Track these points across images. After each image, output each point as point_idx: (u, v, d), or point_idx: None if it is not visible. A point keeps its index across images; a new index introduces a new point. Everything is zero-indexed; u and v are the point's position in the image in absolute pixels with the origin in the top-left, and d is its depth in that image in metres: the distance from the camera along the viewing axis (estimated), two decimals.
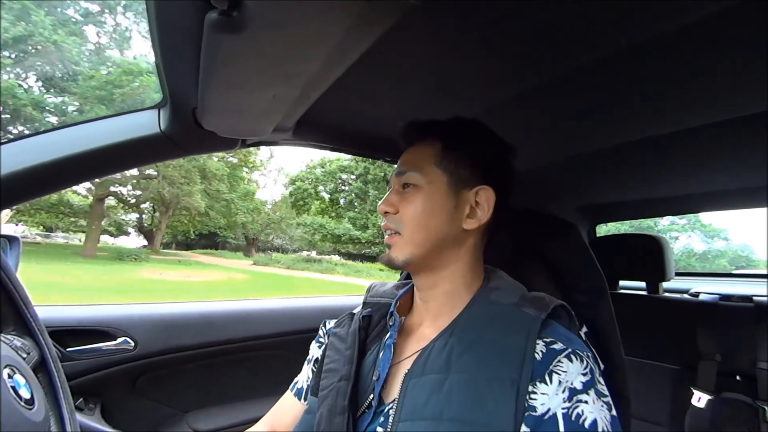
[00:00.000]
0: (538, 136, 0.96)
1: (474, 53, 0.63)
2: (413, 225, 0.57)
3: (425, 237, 0.57)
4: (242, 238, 20.28)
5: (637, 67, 0.64)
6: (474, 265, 0.61)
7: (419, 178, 0.58)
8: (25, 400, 0.49)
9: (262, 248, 20.91)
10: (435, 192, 0.58)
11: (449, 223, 0.57)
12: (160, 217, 15.79)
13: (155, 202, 14.96)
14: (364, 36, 0.48)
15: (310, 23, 0.42)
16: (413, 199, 0.58)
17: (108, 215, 15.22)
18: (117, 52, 12.33)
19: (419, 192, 0.58)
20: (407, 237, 0.57)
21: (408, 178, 0.59)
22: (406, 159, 0.62)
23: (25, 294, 0.59)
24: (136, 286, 9.06)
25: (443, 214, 0.57)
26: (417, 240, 0.57)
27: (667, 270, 1.21)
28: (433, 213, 0.57)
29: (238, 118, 0.69)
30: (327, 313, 1.02)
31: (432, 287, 0.60)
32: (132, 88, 10.42)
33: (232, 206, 15.66)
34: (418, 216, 0.57)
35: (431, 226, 0.57)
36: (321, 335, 0.73)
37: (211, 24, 0.42)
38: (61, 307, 1.06)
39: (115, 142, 0.72)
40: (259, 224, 18.55)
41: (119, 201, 15.09)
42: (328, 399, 0.56)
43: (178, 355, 1.10)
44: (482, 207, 0.58)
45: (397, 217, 0.59)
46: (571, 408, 0.44)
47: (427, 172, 0.58)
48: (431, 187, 0.58)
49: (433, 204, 0.57)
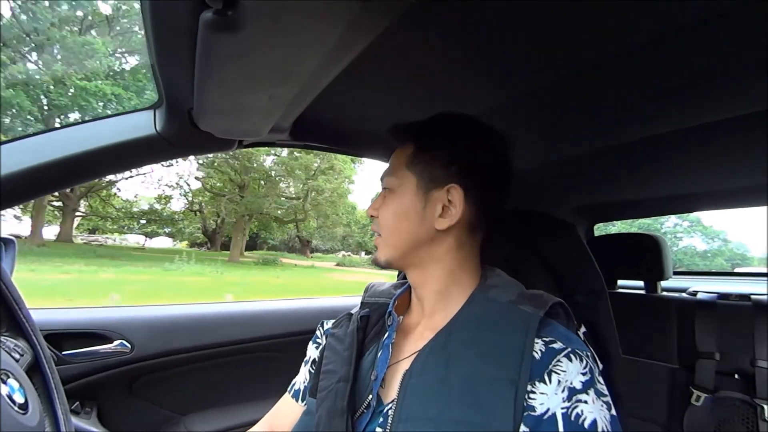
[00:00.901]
0: (536, 136, 0.96)
1: (472, 54, 0.63)
2: (387, 228, 0.60)
3: (397, 239, 0.59)
4: (296, 240, 21.64)
5: (636, 67, 0.64)
6: (463, 263, 0.59)
7: (393, 181, 0.60)
8: (19, 405, 0.49)
9: (313, 249, 22.23)
10: (404, 194, 0.59)
11: (420, 223, 0.57)
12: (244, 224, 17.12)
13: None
14: (361, 36, 0.47)
15: (307, 22, 0.42)
16: (388, 203, 0.60)
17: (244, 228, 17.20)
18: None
19: (392, 195, 0.60)
20: (384, 239, 0.60)
21: (385, 182, 0.62)
22: (389, 163, 0.64)
23: (18, 295, 0.58)
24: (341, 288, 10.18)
25: (412, 216, 0.58)
26: (391, 242, 0.60)
27: (666, 269, 1.21)
28: (402, 215, 0.59)
29: (235, 118, 0.68)
30: (324, 314, 1.02)
31: (422, 285, 0.61)
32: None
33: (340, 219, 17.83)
34: (390, 219, 0.59)
35: (401, 228, 0.59)
36: (318, 336, 0.72)
37: (206, 24, 0.42)
38: (56, 310, 1.05)
39: (111, 143, 0.71)
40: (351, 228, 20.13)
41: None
42: (327, 400, 0.55)
43: (175, 358, 1.09)
44: (454, 205, 0.57)
45: (378, 221, 0.61)
46: (570, 408, 0.44)
47: (399, 175, 0.60)
48: (401, 189, 0.59)
49: (402, 206, 0.59)
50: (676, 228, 13.71)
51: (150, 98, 2.40)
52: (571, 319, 0.55)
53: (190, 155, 0.86)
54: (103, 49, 11.12)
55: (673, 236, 13.21)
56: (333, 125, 0.92)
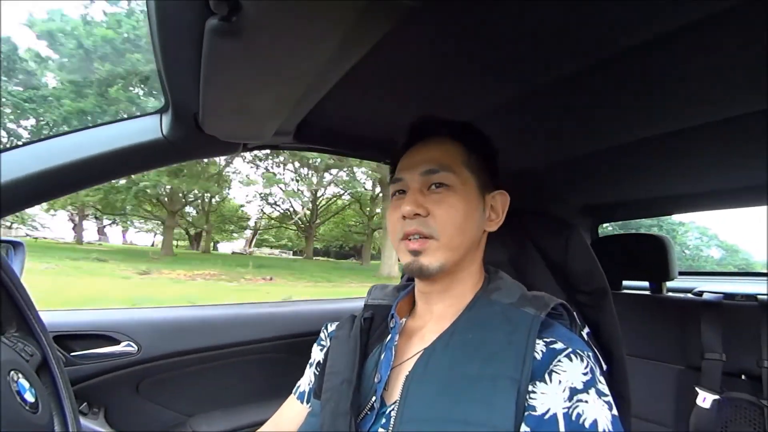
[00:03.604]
0: (540, 136, 0.96)
1: (476, 54, 0.63)
2: (452, 228, 0.54)
3: (462, 241, 0.55)
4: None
5: (638, 66, 0.64)
6: (480, 266, 0.62)
7: (453, 178, 0.56)
8: (29, 404, 0.50)
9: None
10: (469, 194, 0.57)
11: (479, 226, 0.58)
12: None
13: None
14: (363, 39, 0.48)
15: (310, 27, 0.43)
16: (452, 201, 0.55)
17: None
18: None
19: (454, 193, 0.55)
20: (444, 241, 0.54)
21: (441, 177, 0.56)
22: (430, 157, 0.58)
23: (27, 295, 0.59)
24: None
25: (477, 218, 0.58)
26: (455, 244, 0.54)
27: (671, 269, 1.21)
28: (469, 216, 0.56)
29: (240, 122, 0.69)
30: (328, 316, 1.03)
31: (443, 291, 0.59)
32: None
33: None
34: (457, 218, 0.54)
35: (468, 229, 0.56)
36: (323, 338, 0.73)
37: (211, 30, 0.43)
38: (64, 312, 1.07)
39: (118, 148, 0.72)
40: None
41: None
42: (331, 402, 0.56)
43: (181, 359, 1.10)
44: (497, 211, 0.60)
45: (428, 220, 0.54)
46: (571, 408, 0.44)
47: (460, 174, 0.57)
48: (465, 189, 0.56)
49: (469, 207, 0.56)
50: (698, 242, 18.03)
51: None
52: (573, 319, 0.55)
53: (195, 159, 0.87)
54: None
55: (696, 248, 17.37)
56: (336, 128, 0.92)
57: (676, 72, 0.64)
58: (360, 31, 0.45)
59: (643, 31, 0.55)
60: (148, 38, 0.65)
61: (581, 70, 0.65)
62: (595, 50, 0.60)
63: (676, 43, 0.57)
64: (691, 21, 0.52)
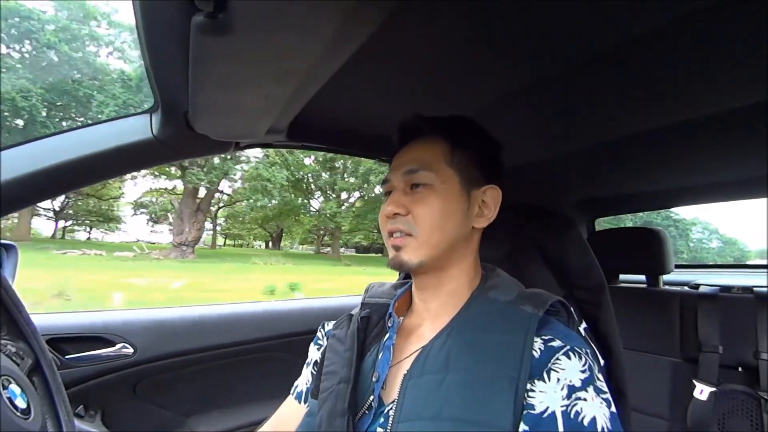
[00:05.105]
0: (537, 130, 0.96)
1: (471, 49, 0.62)
2: (429, 226, 0.55)
3: (441, 238, 0.56)
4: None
5: (634, 61, 0.63)
6: (475, 263, 0.61)
7: (433, 177, 0.57)
8: (21, 411, 0.49)
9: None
10: (449, 192, 0.57)
11: (462, 223, 0.57)
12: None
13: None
14: (354, 33, 0.47)
15: (299, 22, 0.42)
16: (428, 200, 0.56)
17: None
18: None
19: (433, 192, 0.56)
20: (423, 238, 0.55)
21: (420, 177, 0.57)
22: (412, 157, 0.59)
23: (17, 298, 0.58)
24: None
25: (458, 215, 0.57)
26: (433, 241, 0.55)
27: (667, 262, 1.21)
28: (449, 214, 0.56)
29: (231, 120, 0.68)
30: (326, 314, 1.02)
31: (436, 287, 0.59)
32: None
33: None
34: (434, 217, 0.55)
35: (447, 227, 0.56)
36: (320, 337, 0.72)
37: (197, 27, 0.42)
38: (58, 315, 1.06)
39: (108, 148, 0.71)
40: None
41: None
42: (328, 401, 0.55)
43: (177, 360, 1.10)
44: (488, 206, 0.60)
45: (408, 219, 0.56)
46: (570, 406, 0.44)
47: (440, 172, 0.57)
48: (445, 187, 0.57)
49: (448, 204, 0.56)
50: (701, 236, 21.13)
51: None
52: (571, 316, 0.55)
53: (187, 158, 0.86)
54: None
55: (699, 242, 20.25)
56: (329, 125, 0.91)
57: (672, 65, 0.64)
58: (351, 26, 0.44)
59: (639, 25, 0.55)
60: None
61: (577, 65, 0.64)
62: (590, 45, 0.59)
63: (671, 36, 0.56)
64: (687, 13, 0.51)
